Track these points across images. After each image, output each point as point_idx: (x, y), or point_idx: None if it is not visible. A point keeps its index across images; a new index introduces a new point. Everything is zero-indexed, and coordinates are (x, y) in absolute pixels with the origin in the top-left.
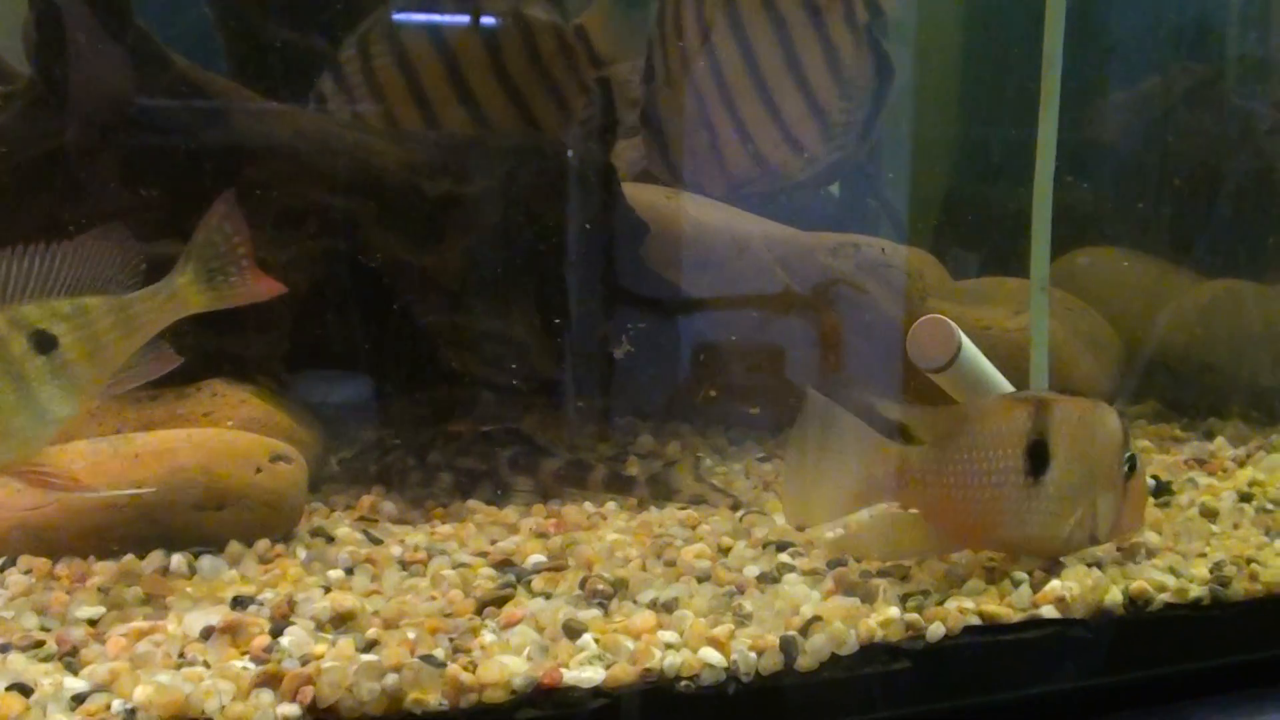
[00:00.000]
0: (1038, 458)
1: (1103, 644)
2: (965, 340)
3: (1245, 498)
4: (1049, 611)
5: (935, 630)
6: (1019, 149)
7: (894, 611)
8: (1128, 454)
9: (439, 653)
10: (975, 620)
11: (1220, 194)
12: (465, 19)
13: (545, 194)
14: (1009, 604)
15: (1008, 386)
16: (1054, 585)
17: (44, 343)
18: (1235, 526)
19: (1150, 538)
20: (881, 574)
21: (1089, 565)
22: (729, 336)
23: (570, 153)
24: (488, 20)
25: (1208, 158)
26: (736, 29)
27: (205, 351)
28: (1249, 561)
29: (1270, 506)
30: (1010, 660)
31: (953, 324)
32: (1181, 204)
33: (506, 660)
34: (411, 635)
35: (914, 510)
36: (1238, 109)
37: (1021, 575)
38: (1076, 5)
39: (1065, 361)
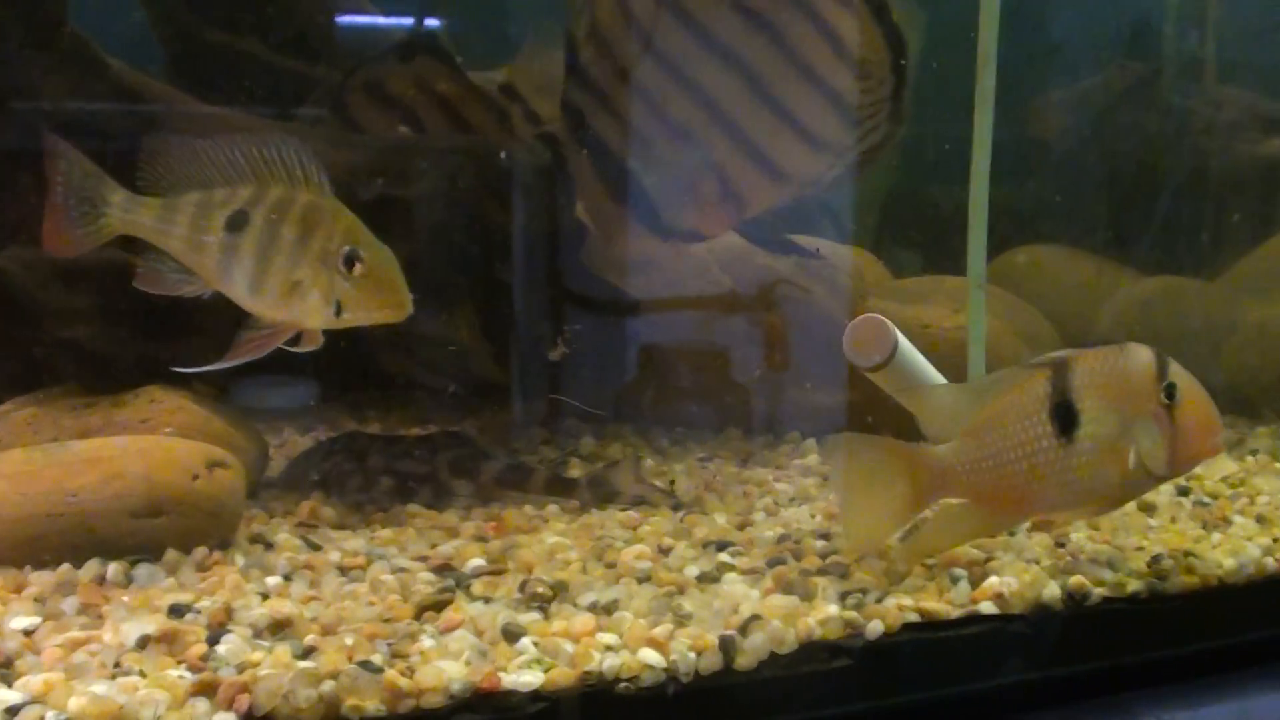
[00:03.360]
0: (1066, 418)
1: (1042, 639)
2: (902, 339)
3: (1183, 491)
4: (988, 607)
5: (874, 628)
6: (959, 147)
7: (833, 609)
8: (1164, 384)
9: (377, 659)
10: (914, 617)
11: (1158, 191)
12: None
13: (485, 196)
14: (948, 601)
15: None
16: (992, 581)
17: None
18: (1173, 520)
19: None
20: (821, 572)
21: (1027, 561)
22: (671, 338)
23: (505, 154)
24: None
25: (1146, 156)
26: (708, 32)
27: (143, 357)
28: (1186, 554)
29: (1207, 500)
30: (950, 657)
31: (889, 322)
32: (1120, 201)
33: (444, 665)
34: (349, 641)
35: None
36: (1175, 107)
37: (960, 572)
38: (1015, 4)
39: (1003, 358)
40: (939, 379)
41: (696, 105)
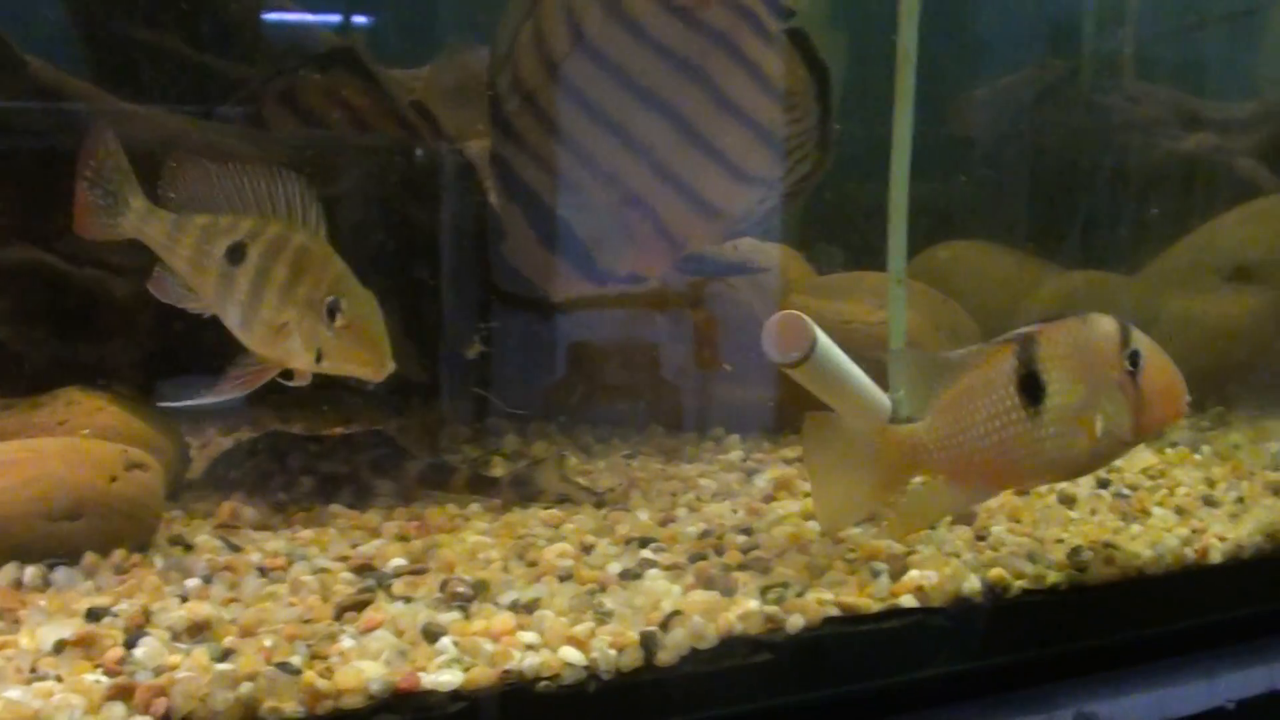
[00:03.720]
0: (1033, 390)
1: (962, 631)
2: (821, 335)
3: (1103, 484)
4: (908, 601)
5: (795, 622)
6: (883, 144)
7: (754, 604)
8: (1128, 352)
9: (296, 660)
10: (835, 611)
11: (1080, 187)
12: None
13: (406, 195)
14: (868, 594)
15: (866, 380)
16: (912, 575)
17: None
18: (1093, 512)
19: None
20: (743, 567)
21: (947, 554)
22: (597, 336)
23: (420, 152)
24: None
25: (1068, 152)
26: (631, 75)
27: (61, 359)
28: (1106, 546)
29: (1127, 492)
30: (870, 650)
31: (807, 319)
32: (1043, 197)
33: (364, 665)
34: (268, 643)
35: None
36: (1096, 104)
37: (881, 566)
38: (937, 3)
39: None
40: (859, 375)
41: (625, 148)
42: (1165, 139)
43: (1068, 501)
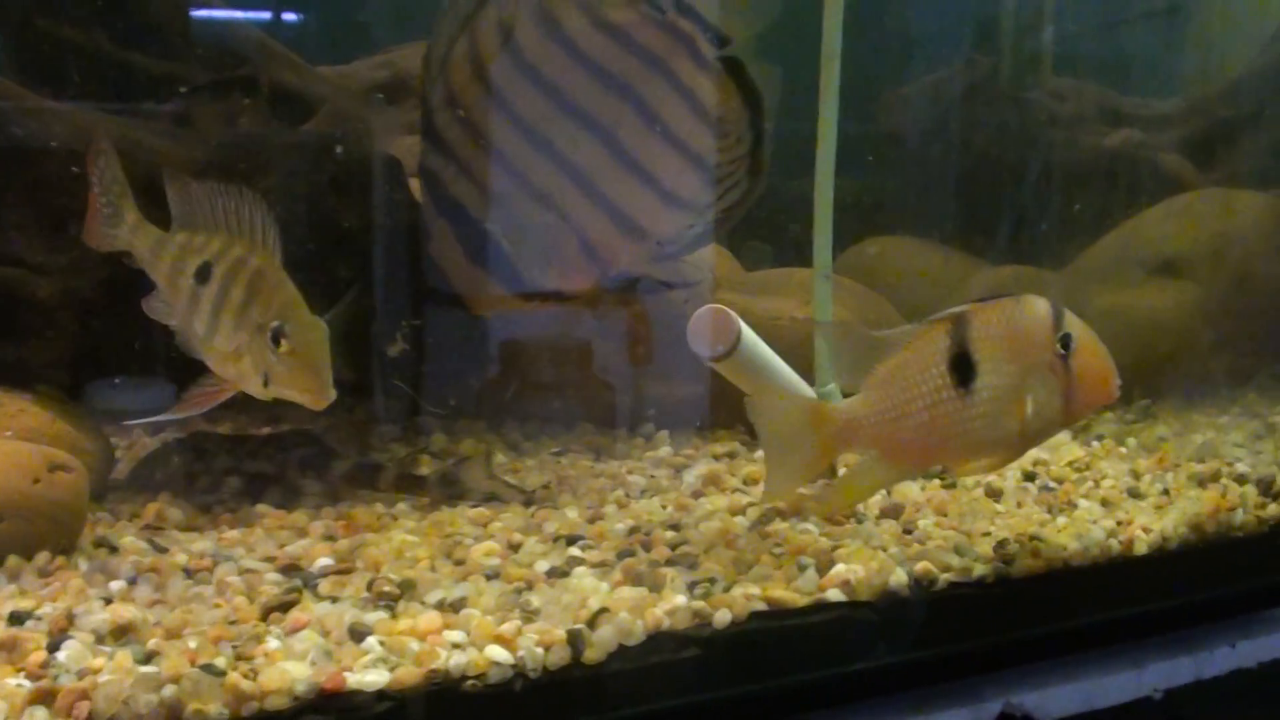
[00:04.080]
0: (964, 369)
1: (889, 625)
2: (746, 330)
3: (1029, 476)
4: (835, 595)
5: (722, 617)
6: (813, 141)
7: (681, 600)
8: (1060, 335)
9: (220, 661)
10: (762, 606)
11: (1008, 183)
12: None
13: (332, 192)
14: (795, 589)
15: (792, 374)
16: (839, 569)
17: None
18: (1019, 505)
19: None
20: (670, 563)
21: (874, 548)
22: (525, 333)
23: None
24: None
25: (995, 149)
26: (565, 96)
27: None
28: (1032, 539)
29: (1053, 485)
30: (798, 644)
31: (732, 314)
32: (970, 193)
33: (289, 666)
34: (193, 645)
35: (872, 452)
36: (1023, 101)
37: (807, 560)
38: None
39: None
40: (785, 370)
41: (554, 166)
42: (1091, 135)
43: (994, 494)
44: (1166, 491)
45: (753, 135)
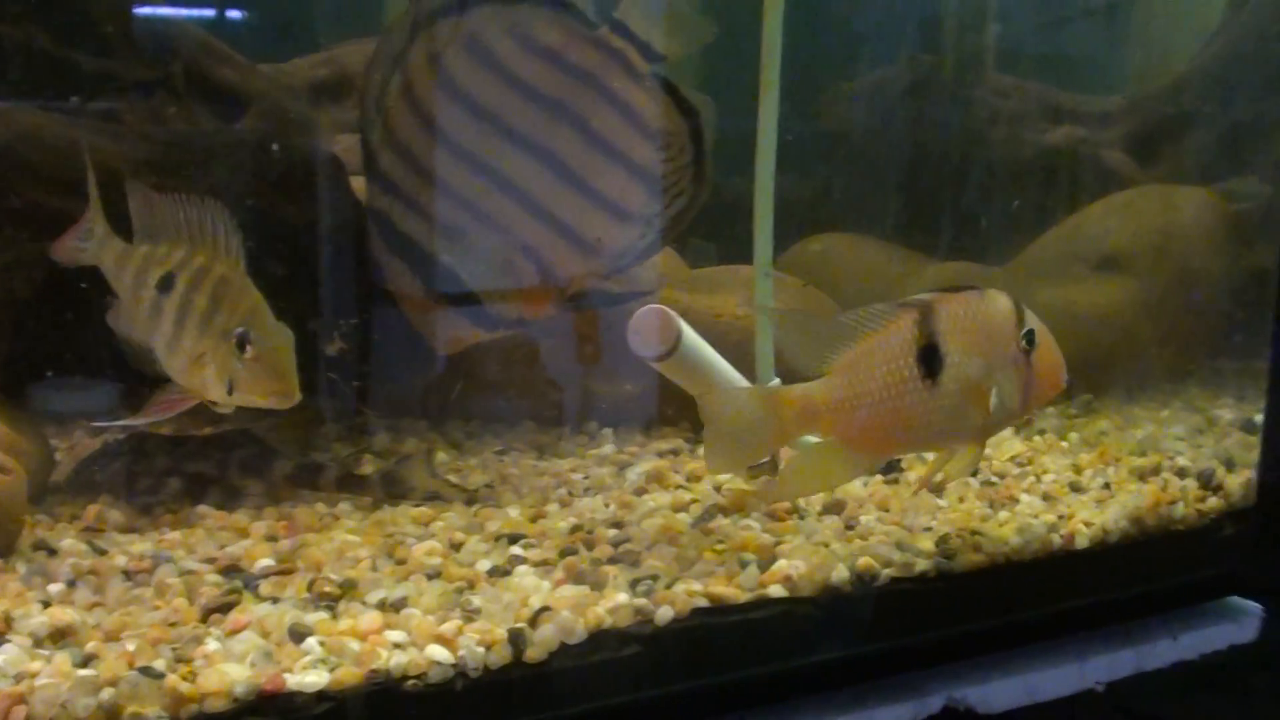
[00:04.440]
0: (931, 361)
1: (831, 620)
2: (686, 329)
3: (971, 472)
4: (777, 591)
5: (664, 614)
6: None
7: (623, 597)
8: (1024, 331)
9: (160, 664)
10: (703, 602)
11: (952, 180)
12: None
13: (272, 190)
14: (737, 585)
15: (733, 372)
16: (781, 564)
17: None
18: (961, 500)
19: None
20: (612, 561)
21: (816, 544)
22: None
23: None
24: None
25: (940, 146)
26: (507, 122)
27: None
28: (974, 533)
29: (995, 479)
30: (740, 640)
31: (673, 313)
32: (915, 190)
33: (229, 668)
34: (132, 647)
35: (831, 439)
36: (966, 98)
37: (749, 556)
38: None
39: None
40: (727, 368)
41: (504, 194)
42: (1033, 132)
43: (936, 489)
44: (1108, 485)
45: (694, 145)
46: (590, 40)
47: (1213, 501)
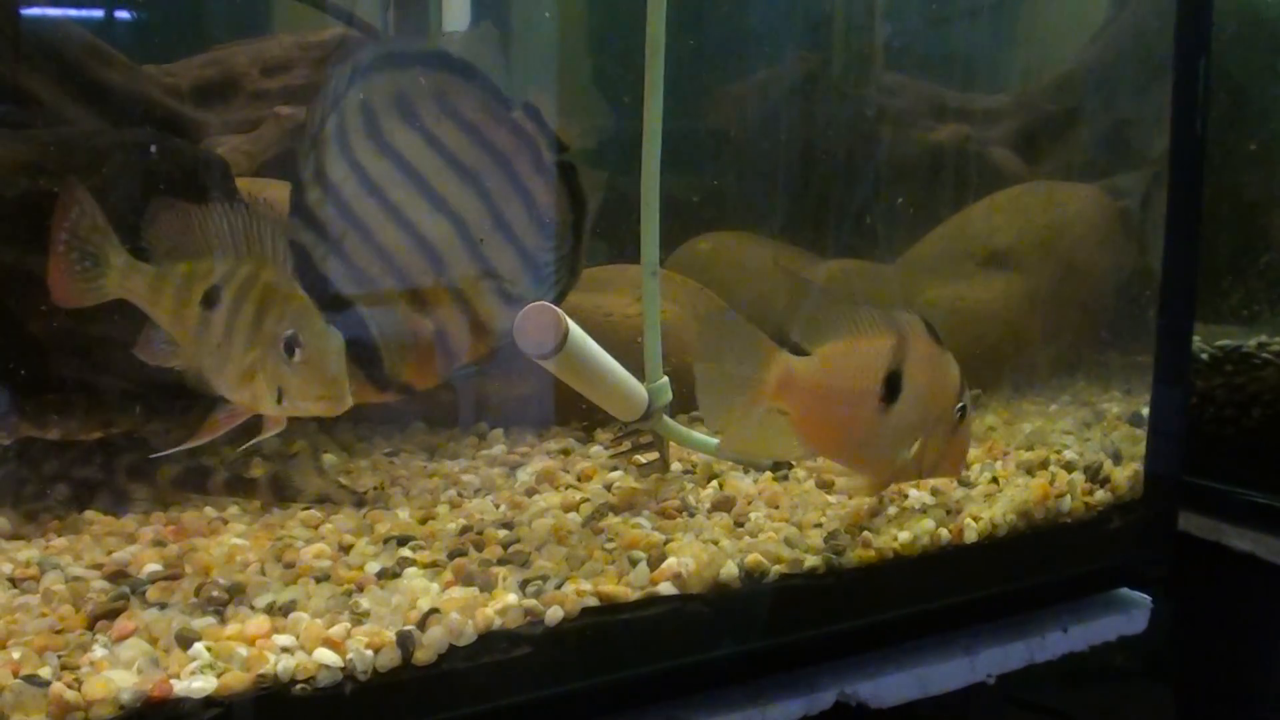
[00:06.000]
0: (892, 388)
1: (721, 617)
2: (574, 327)
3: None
4: (666, 588)
5: (554, 614)
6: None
7: (512, 598)
8: (961, 403)
9: (45, 672)
10: (593, 601)
11: (840, 178)
12: None
13: (157, 190)
14: (626, 583)
15: (621, 370)
16: (670, 562)
17: None
18: (850, 497)
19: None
20: (502, 561)
21: (706, 541)
22: (358, 331)
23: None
24: None
25: (827, 144)
26: (426, 187)
27: None
28: (863, 529)
29: None
30: (630, 639)
31: (559, 311)
32: (803, 188)
33: (114, 675)
34: (17, 655)
35: (785, 413)
36: (854, 97)
37: (639, 554)
38: None
39: (685, 343)
40: (615, 366)
41: (411, 256)
42: (920, 130)
43: (825, 486)
44: (996, 480)
45: (574, 238)
46: (506, 122)
47: (1100, 494)
